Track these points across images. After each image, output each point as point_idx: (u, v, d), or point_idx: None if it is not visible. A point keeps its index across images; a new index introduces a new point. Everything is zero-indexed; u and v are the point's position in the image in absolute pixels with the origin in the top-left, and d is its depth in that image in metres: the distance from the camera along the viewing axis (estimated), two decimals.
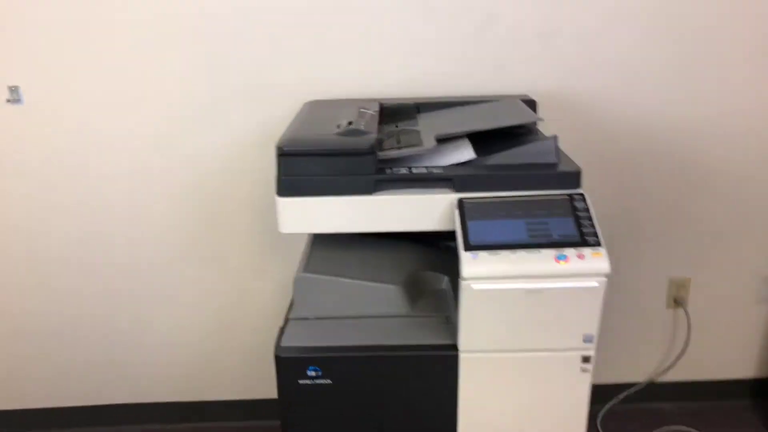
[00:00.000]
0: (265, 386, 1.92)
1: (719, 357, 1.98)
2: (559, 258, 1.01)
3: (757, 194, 1.78)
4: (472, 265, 1.02)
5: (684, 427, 1.92)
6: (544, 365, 1.10)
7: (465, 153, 1.20)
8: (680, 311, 1.92)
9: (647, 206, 1.79)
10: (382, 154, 1.16)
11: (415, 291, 1.26)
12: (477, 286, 1.03)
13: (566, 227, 1.05)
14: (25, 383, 1.95)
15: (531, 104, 1.46)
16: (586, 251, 1.02)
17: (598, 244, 1.03)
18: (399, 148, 1.19)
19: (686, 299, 1.90)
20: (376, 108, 1.39)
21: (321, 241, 1.34)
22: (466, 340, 1.08)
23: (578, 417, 1.15)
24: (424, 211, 1.14)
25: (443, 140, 1.20)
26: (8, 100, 1.57)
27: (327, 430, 1.17)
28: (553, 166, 1.16)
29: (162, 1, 1.54)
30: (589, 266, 1.01)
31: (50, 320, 1.87)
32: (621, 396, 1.98)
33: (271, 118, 1.61)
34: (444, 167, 1.17)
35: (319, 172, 1.12)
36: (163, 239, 1.78)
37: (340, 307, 1.22)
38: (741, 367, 2.00)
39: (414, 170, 1.15)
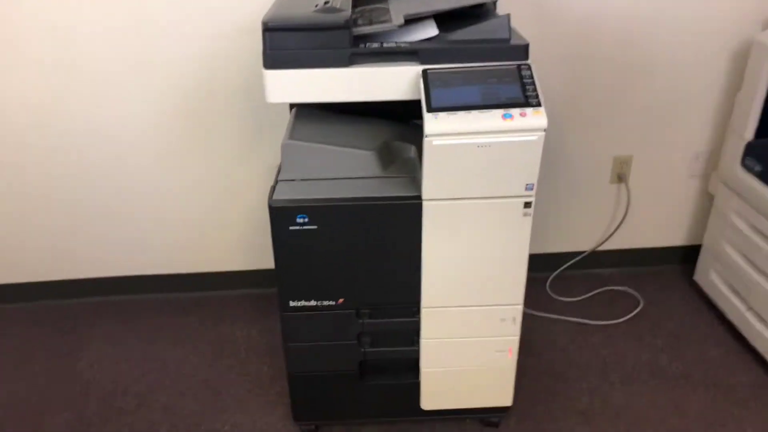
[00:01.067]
0: (256, 258, 2.16)
1: (654, 227, 2.26)
2: (505, 116, 1.21)
3: (690, 77, 1.98)
4: (433, 123, 1.21)
5: (621, 287, 2.23)
6: (493, 210, 1.32)
7: (429, 30, 1.36)
8: (622, 186, 2.16)
9: (593, 91, 1.99)
10: (356, 30, 1.31)
11: (387, 157, 1.45)
12: (437, 141, 1.22)
13: (513, 91, 1.24)
14: (34, 258, 2.14)
15: None
16: (528, 110, 1.21)
17: (538, 104, 1.22)
18: (371, 24, 1.34)
19: (628, 175, 2.14)
20: None
21: (304, 115, 1.51)
22: (428, 189, 1.29)
23: (521, 255, 1.39)
24: (394, 81, 1.31)
25: (411, 20, 1.35)
26: None
27: (313, 269, 1.40)
28: (506, 40, 1.32)
29: None
30: (530, 122, 1.21)
31: (57, 204, 2.04)
32: (568, 263, 2.27)
33: (252, 4, 1.73)
34: (411, 42, 1.33)
35: (300, 46, 1.27)
36: (157, 128, 1.93)
37: (322, 170, 1.41)
38: (672, 236, 2.29)
39: (385, 45, 1.31)
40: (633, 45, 1.91)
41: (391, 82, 1.30)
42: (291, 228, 1.33)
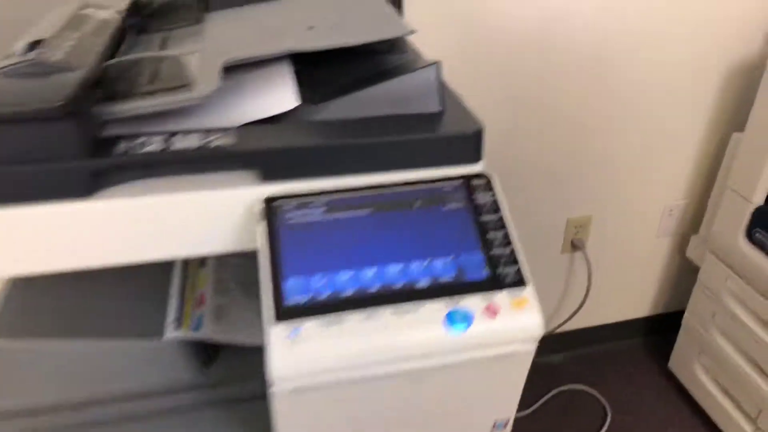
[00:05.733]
0: None
1: (615, 300, 1.72)
2: (451, 321, 0.53)
3: (664, 109, 1.42)
4: (289, 354, 0.51)
5: (580, 386, 1.67)
6: None
7: (280, 97, 0.65)
8: (577, 255, 1.59)
9: (543, 142, 1.37)
10: (106, 111, 0.58)
11: (201, 346, 0.74)
12: (299, 391, 0.53)
13: (463, 250, 0.57)
14: None
15: None
16: (502, 299, 0.55)
17: (520, 281, 0.56)
18: (144, 94, 0.61)
19: (585, 241, 1.56)
20: (123, 4, 0.77)
21: (22, 284, 0.75)
22: None
23: None
24: (195, 223, 0.59)
25: (235, 71, 0.64)
26: None
27: None
28: (435, 118, 0.65)
29: None
30: (507, 327, 0.54)
31: None
32: None
33: None
34: (238, 130, 0.61)
35: None
36: None
37: (56, 390, 0.68)
38: (635, 309, 1.76)
39: (178, 143, 0.59)
40: (591, 68, 1.31)
41: (188, 224, 0.59)
42: None
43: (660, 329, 1.78)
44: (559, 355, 1.75)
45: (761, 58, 1.36)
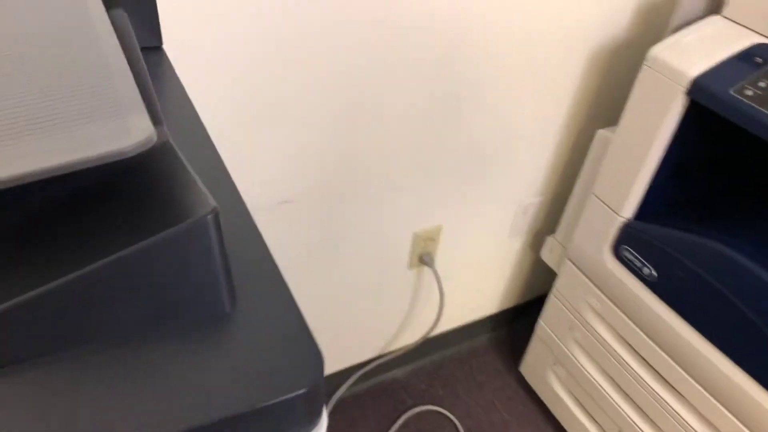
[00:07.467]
0: None
1: (463, 307, 1.53)
2: None
3: (515, 113, 1.17)
4: None
5: (431, 406, 1.47)
6: None
7: None
8: (425, 271, 1.34)
9: (379, 146, 1.05)
10: None
11: None
12: None
13: None
14: None
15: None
16: None
17: None
18: None
19: (434, 254, 1.31)
20: None
21: None
22: None
23: None
24: None
25: None
26: None
27: None
28: (211, 342, 0.28)
29: None
30: None
31: None
32: (350, 381, 1.42)
33: None
34: None
35: None
36: None
37: None
38: (483, 308, 1.59)
39: None
40: (434, 76, 0.99)
41: None
42: None
43: (506, 321, 1.64)
44: (402, 368, 1.53)
45: (627, 39, 1.16)
